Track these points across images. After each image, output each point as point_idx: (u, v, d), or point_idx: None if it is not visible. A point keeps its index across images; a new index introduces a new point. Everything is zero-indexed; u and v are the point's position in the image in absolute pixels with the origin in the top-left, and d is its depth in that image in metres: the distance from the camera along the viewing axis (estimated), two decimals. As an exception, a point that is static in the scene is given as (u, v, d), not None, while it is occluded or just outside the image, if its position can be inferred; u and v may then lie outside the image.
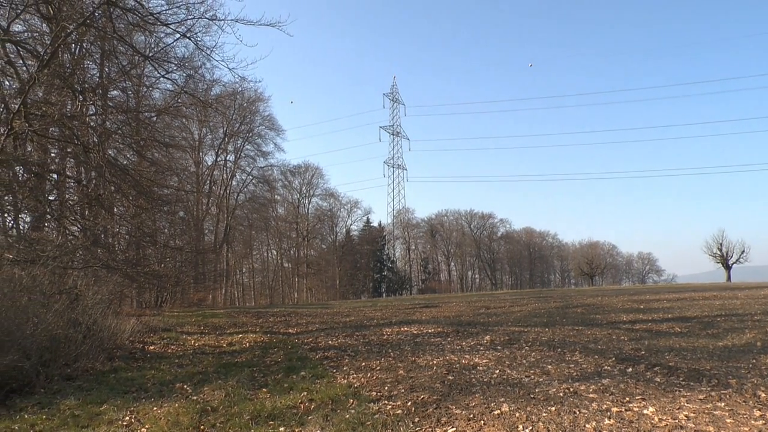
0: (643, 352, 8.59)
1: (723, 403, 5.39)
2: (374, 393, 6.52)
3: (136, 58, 14.48)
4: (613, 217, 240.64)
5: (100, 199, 14.56)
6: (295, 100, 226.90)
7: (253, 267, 67.07)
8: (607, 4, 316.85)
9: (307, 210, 69.02)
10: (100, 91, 16.14)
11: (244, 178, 50.10)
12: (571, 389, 6.20)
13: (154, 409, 6.30)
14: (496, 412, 5.41)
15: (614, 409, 5.30)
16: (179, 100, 16.70)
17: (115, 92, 18.65)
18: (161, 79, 15.49)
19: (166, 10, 12.19)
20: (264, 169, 52.30)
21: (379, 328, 13.95)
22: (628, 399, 5.67)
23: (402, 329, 13.51)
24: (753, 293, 22.25)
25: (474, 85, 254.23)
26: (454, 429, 5.00)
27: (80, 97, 13.58)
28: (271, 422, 5.51)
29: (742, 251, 59.33)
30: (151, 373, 8.50)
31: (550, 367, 7.64)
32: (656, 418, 4.97)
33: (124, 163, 16.40)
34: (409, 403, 5.92)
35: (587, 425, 4.86)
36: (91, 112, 15.00)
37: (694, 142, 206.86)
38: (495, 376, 7.19)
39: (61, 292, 9.53)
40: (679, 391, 5.92)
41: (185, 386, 7.43)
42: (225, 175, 48.20)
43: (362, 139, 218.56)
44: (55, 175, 14.80)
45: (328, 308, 25.06)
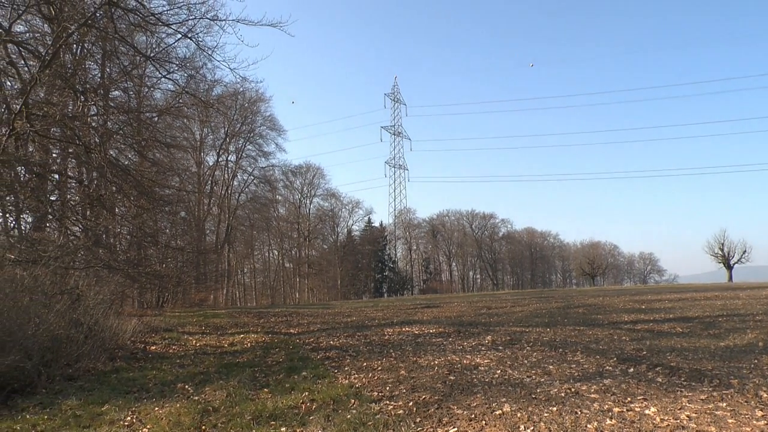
0: (645, 353, 8.58)
1: (725, 404, 5.38)
2: (376, 393, 6.52)
3: (138, 58, 14.49)
4: (615, 217, 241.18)
5: (102, 200, 14.59)
6: (297, 100, 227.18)
7: (254, 267, 67.14)
8: (608, 4, 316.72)
9: (309, 210, 69.13)
10: (102, 92, 16.16)
11: (245, 178, 50.27)
12: (573, 389, 6.19)
13: (156, 409, 6.31)
14: (497, 413, 5.41)
15: (616, 410, 5.29)
16: (180, 101, 16.70)
17: (116, 92, 18.68)
18: (163, 79, 15.47)
19: (167, 11, 12.20)
20: (265, 170, 52.47)
21: (381, 329, 13.95)
22: (629, 399, 5.67)
23: (403, 329, 13.51)
24: (755, 293, 22.20)
25: (475, 85, 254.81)
26: (456, 429, 5.00)
27: (82, 97, 13.58)
28: (273, 422, 5.52)
29: (744, 251, 59.45)
30: (153, 374, 8.51)
31: (551, 367, 7.63)
32: (658, 419, 4.96)
33: (126, 163, 16.41)
34: (411, 404, 5.92)
35: (589, 425, 4.86)
36: (93, 113, 15.01)
37: (694, 141, 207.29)
38: (496, 376, 7.19)
39: (62, 293, 9.54)
40: (681, 392, 5.91)
41: (187, 386, 7.44)
42: (226, 176, 48.31)
43: (364, 139, 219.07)
44: (57, 176, 14.81)
45: (329, 308, 25.07)
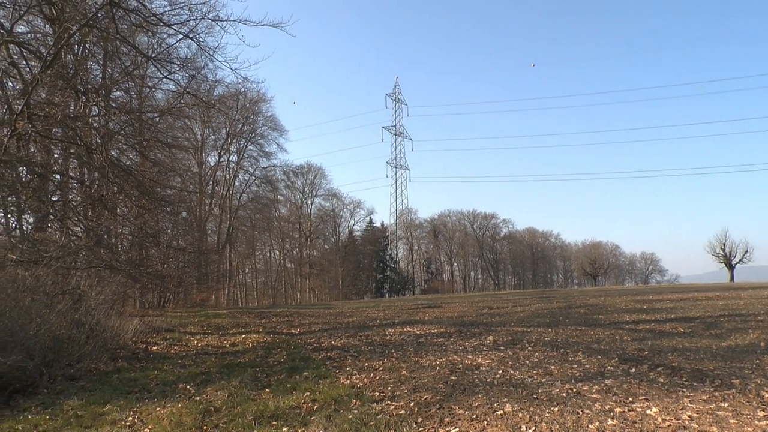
0: (646, 353, 8.57)
1: (726, 404, 5.37)
2: (377, 393, 6.52)
3: (139, 58, 14.51)
4: (616, 217, 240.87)
5: (103, 200, 14.63)
6: (298, 100, 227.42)
7: (255, 267, 67.15)
8: (608, 4, 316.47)
9: (310, 210, 69.21)
10: (103, 92, 16.20)
11: (246, 178, 50.27)
12: (574, 389, 6.19)
13: (157, 409, 6.32)
14: (499, 413, 5.41)
15: (617, 410, 5.29)
16: (182, 101, 16.73)
17: (117, 93, 18.75)
18: (164, 79, 15.49)
19: (168, 11, 12.22)
20: (267, 170, 52.49)
21: (382, 329, 13.95)
22: (631, 399, 5.66)
23: (405, 329, 13.51)
24: (756, 293, 22.16)
25: (476, 85, 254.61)
26: (457, 429, 4.99)
27: (83, 97, 13.59)
28: (274, 422, 5.52)
29: (746, 251, 59.34)
30: (154, 374, 8.52)
31: (553, 367, 7.63)
32: (659, 419, 4.96)
33: (127, 163, 16.43)
34: (412, 404, 5.92)
35: (590, 425, 4.85)
36: (94, 113, 15.02)
37: (695, 141, 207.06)
38: (498, 376, 7.18)
39: (64, 293, 9.55)
40: (683, 392, 5.91)
41: (188, 386, 7.45)
42: (228, 176, 48.36)
43: (365, 139, 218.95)
44: (58, 176, 14.84)
45: (330, 308, 25.07)
